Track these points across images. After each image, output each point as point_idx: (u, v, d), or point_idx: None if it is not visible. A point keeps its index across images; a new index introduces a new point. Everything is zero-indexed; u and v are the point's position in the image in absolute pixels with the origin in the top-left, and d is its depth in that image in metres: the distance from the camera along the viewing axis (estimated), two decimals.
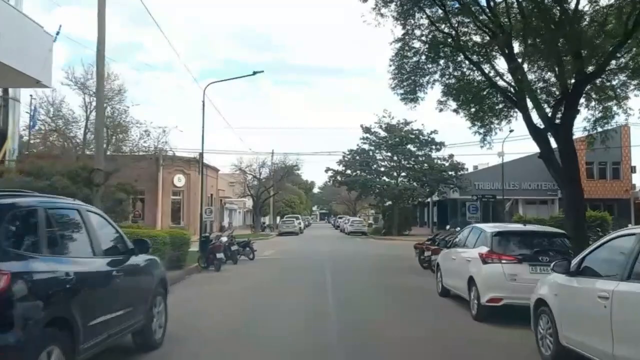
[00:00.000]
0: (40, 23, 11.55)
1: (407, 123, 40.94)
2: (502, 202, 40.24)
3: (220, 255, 15.65)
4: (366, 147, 42.08)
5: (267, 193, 49.92)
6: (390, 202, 42.47)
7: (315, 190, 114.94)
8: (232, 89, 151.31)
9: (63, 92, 36.83)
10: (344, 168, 41.37)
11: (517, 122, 20.28)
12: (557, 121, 15.17)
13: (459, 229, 23.18)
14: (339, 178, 40.99)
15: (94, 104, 32.95)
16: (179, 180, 42.43)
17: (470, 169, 42.65)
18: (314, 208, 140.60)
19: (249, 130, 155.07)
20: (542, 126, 17.49)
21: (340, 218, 66.44)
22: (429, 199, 44.08)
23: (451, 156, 39.31)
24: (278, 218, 58.93)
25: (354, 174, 40.84)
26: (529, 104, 15.85)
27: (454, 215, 42.51)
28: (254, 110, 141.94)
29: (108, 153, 34.33)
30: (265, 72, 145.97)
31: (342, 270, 16.41)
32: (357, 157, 41.62)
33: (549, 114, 15.58)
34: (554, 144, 15.59)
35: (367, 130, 41.65)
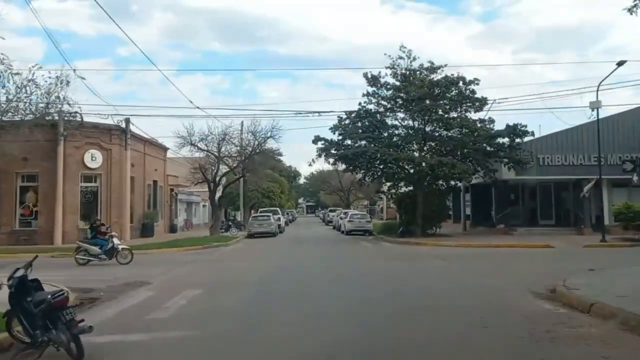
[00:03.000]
0: None
1: (433, 69, 27.31)
2: (579, 182, 26.89)
3: None
4: (372, 107, 28.41)
5: (232, 177, 36.13)
6: (411, 187, 28.85)
7: (302, 181, 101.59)
8: (211, 84, 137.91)
9: None
10: (340, 137, 27.70)
11: None
12: None
13: None
14: (333, 151, 27.27)
15: None
16: (93, 158, 28.35)
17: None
18: (300, 200, 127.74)
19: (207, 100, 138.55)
20: None
21: (332, 211, 52.72)
22: (460, 183, 30.61)
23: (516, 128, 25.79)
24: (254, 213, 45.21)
25: (356, 145, 27.16)
26: None
27: (501, 205, 29.11)
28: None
29: None
30: (248, 65, 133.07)
31: None
32: (359, 123, 27.93)
33: None
34: None
35: (374, 80, 27.95)
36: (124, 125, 28.88)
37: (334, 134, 27.76)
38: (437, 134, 27.93)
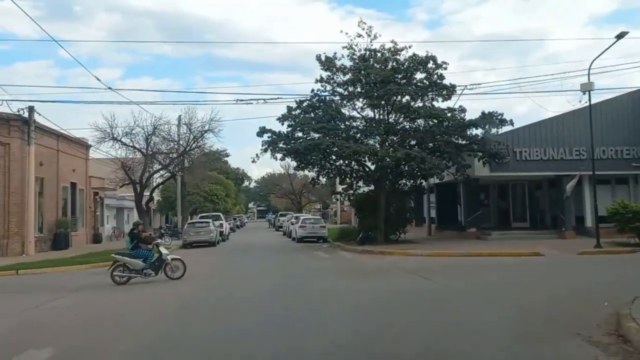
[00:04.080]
0: None
1: (397, 50, 23.66)
2: (559, 180, 23.93)
3: None
4: (327, 95, 24.50)
5: (165, 177, 31.33)
6: (371, 187, 25.11)
7: (253, 185, 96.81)
8: (160, 86, 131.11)
9: None
10: (289, 129, 23.60)
11: None
12: None
13: None
14: (282, 145, 23.10)
15: None
16: None
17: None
18: (251, 205, 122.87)
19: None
20: None
21: (282, 215, 48.43)
22: (425, 182, 27.08)
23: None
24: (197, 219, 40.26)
25: (308, 138, 23.11)
26: None
27: (471, 206, 25.83)
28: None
29: None
30: (195, 68, 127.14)
31: None
32: (312, 113, 23.94)
33: None
34: None
35: (328, 63, 24.05)
36: (26, 115, 23.70)
37: (282, 125, 23.68)
38: (400, 127, 24.30)
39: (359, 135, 24.00)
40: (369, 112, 24.74)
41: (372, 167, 23.70)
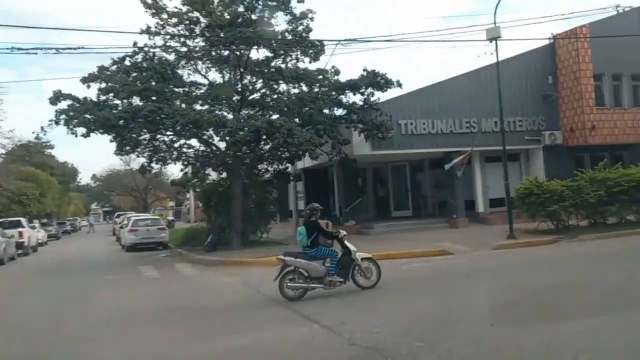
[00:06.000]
0: None
1: None
2: (449, 157, 20.04)
3: None
4: (157, 51, 17.73)
5: None
6: (224, 174, 19.01)
7: (95, 183, 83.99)
8: None
9: None
10: (100, 93, 16.40)
11: None
12: None
13: None
14: (87, 115, 15.61)
15: None
16: None
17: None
18: (94, 205, 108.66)
19: None
20: None
21: (118, 217, 39.85)
22: (291, 167, 21.70)
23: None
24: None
25: (125, 102, 16.14)
26: None
27: (348, 194, 21.08)
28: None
29: None
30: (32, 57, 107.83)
31: None
32: (137, 73, 17.02)
33: None
34: None
35: (155, 6, 17.30)
36: None
37: (89, 88, 16.51)
38: (258, 94, 18.67)
39: (205, 107, 17.63)
40: (216, 77, 18.76)
41: (222, 147, 17.68)
